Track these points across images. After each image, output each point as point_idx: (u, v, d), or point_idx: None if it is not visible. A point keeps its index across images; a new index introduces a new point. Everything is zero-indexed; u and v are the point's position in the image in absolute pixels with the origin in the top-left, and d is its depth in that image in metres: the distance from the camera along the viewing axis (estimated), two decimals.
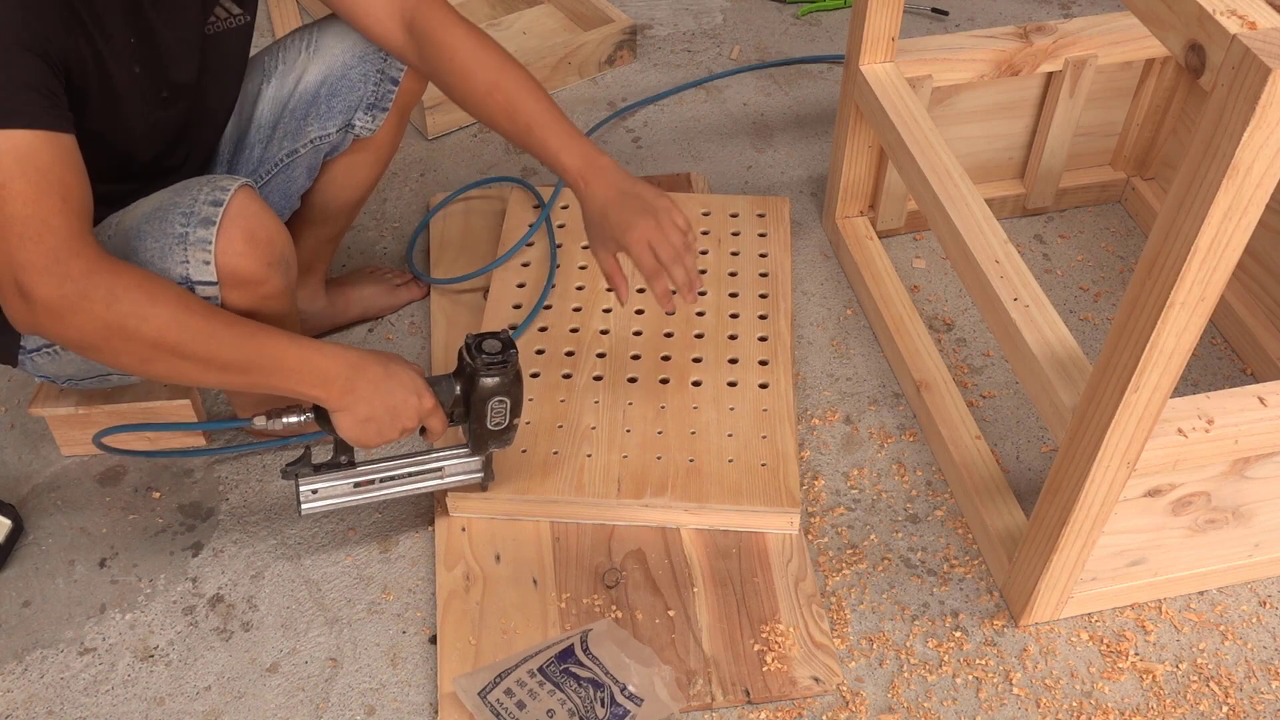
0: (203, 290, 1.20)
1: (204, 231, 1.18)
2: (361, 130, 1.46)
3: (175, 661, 1.33)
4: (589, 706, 1.22)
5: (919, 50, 1.66)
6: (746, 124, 2.12)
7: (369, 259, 1.83)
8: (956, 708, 1.29)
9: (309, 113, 1.44)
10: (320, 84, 1.43)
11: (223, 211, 1.19)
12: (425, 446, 1.39)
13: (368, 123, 1.45)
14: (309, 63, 1.43)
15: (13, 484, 1.51)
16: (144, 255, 1.19)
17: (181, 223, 1.18)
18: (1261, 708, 1.29)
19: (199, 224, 1.18)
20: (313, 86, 1.43)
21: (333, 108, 1.43)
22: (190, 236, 1.18)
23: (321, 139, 1.45)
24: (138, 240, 1.19)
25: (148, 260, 1.19)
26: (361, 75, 1.42)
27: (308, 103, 1.43)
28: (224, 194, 1.19)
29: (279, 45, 1.46)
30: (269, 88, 1.44)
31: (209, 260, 1.18)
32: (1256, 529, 1.32)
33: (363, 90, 1.43)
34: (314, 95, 1.43)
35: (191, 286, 1.19)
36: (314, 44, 1.43)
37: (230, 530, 1.46)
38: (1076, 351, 1.25)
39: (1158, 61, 1.76)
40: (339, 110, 1.44)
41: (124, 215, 1.24)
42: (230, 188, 1.20)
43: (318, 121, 1.44)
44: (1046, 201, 1.89)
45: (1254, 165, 0.86)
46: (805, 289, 1.78)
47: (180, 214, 1.19)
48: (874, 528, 1.46)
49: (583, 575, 1.38)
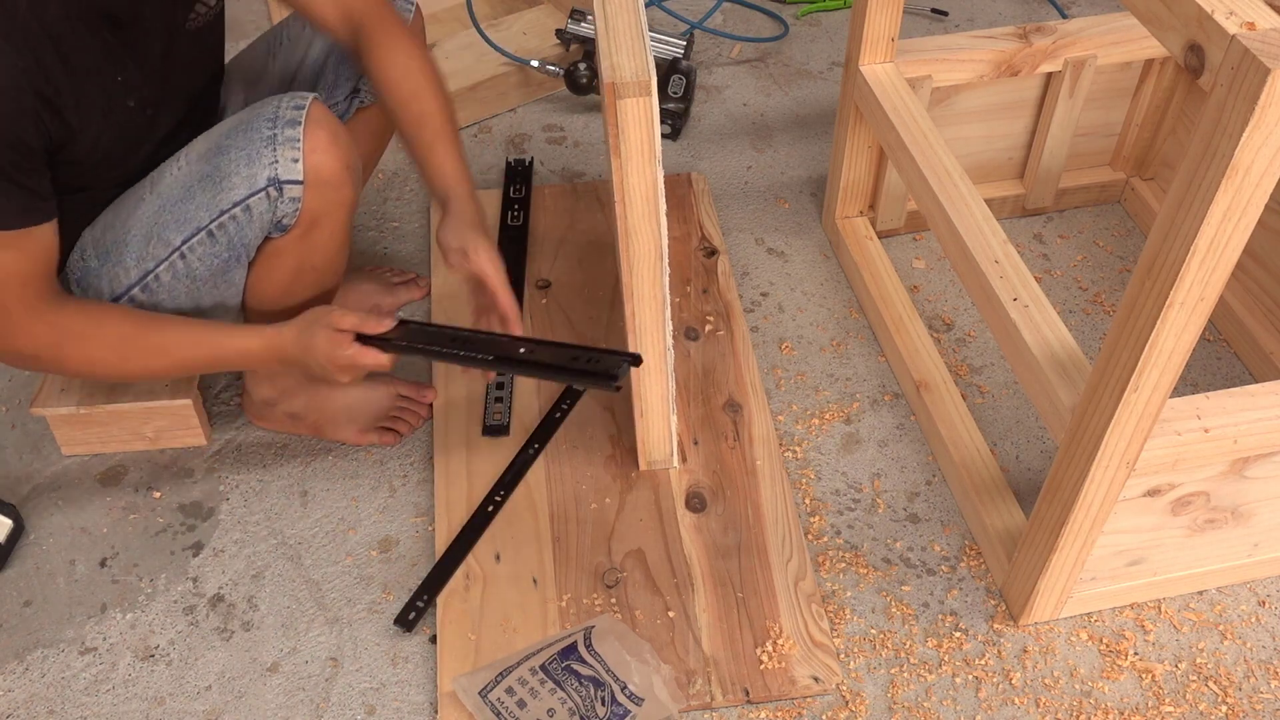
0: (289, 190, 1.24)
1: (292, 131, 1.24)
2: (366, 96, 1.50)
3: (176, 661, 1.33)
4: (589, 706, 1.22)
5: (919, 50, 1.66)
6: (746, 124, 2.12)
7: (369, 259, 1.83)
8: (956, 707, 1.29)
9: (317, 83, 1.49)
10: (326, 55, 1.48)
11: (305, 113, 1.24)
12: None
13: (370, 93, 1.49)
14: (314, 36, 1.48)
15: (13, 484, 1.51)
16: (228, 167, 1.24)
17: (269, 127, 1.24)
18: (1260, 707, 1.29)
19: (286, 125, 1.24)
20: (319, 58, 1.48)
21: (340, 75, 1.48)
22: (279, 137, 1.23)
23: (331, 107, 1.48)
24: (221, 155, 1.25)
25: (232, 170, 1.24)
26: None
27: (315, 73, 1.49)
28: (304, 100, 1.26)
29: (283, 24, 1.51)
30: (275, 63, 1.50)
31: (297, 158, 1.24)
32: (1256, 529, 1.32)
33: None
34: (320, 66, 1.48)
35: (279, 187, 1.24)
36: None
37: (231, 530, 1.46)
38: (1076, 351, 1.25)
39: (1157, 62, 1.76)
40: (345, 77, 1.48)
41: (196, 143, 1.29)
42: (308, 97, 1.27)
43: (325, 90, 1.49)
44: (1046, 202, 1.89)
45: (1253, 165, 0.86)
46: (805, 289, 1.78)
47: (265, 120, 1.24)
48: (874, 528, 1.46)
49: (583, 575, 1.38)
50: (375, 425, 1.54)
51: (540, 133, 2.09)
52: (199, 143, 1.29)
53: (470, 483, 1.48)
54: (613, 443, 1.54)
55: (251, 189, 1.24)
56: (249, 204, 1.24)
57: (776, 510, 1.45)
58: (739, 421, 1.56)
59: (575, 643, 1.27)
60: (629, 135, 1.14)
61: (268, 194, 1.24)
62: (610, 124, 1.13)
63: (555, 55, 2.13)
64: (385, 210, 1.92)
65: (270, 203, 1.25)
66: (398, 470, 1.53)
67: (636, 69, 1.11)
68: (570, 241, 1.84)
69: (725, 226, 1.89)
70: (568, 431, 1.55)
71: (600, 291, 1.75)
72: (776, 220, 1.91)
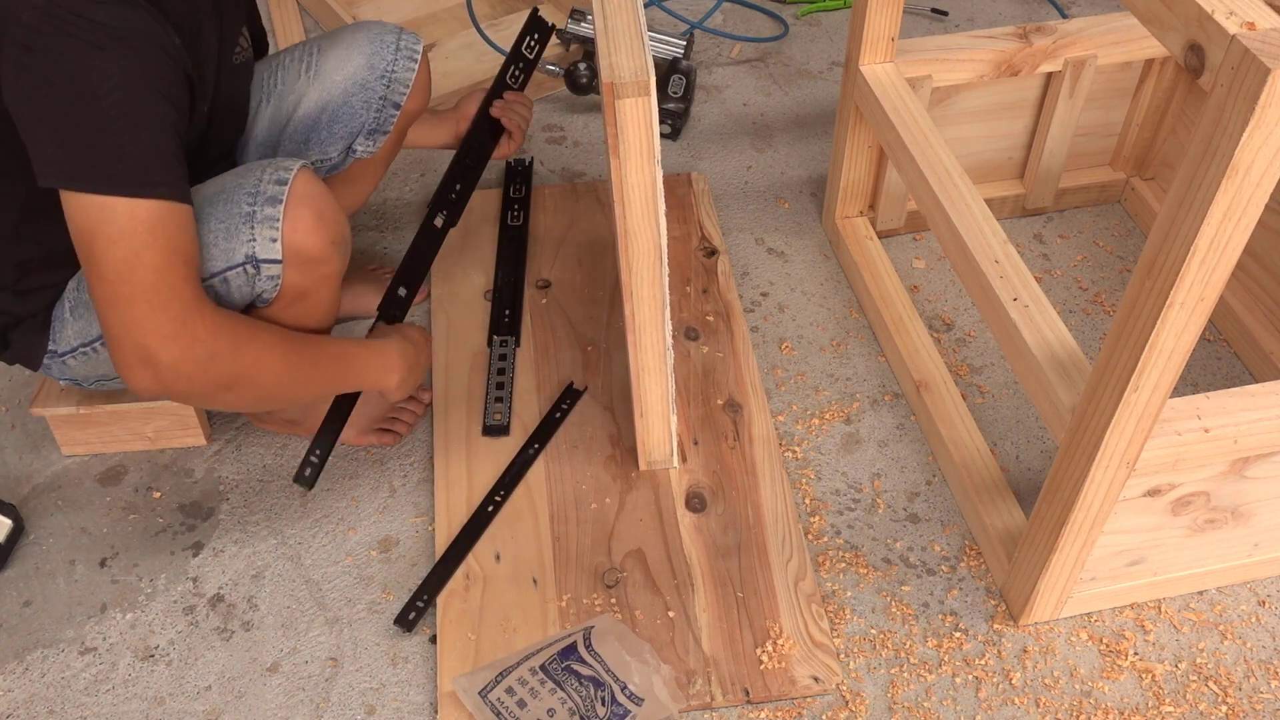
0: (267, 269, 1.21)
1: (271, 210, 1.19)
2: (363, 154, 1.47)
3: (176, 661, 1.33)
4: (590, 705, 1.22)
5: (919, 50, 1.66)
6: (746, 124, 2.12)
7: (369, 259, 1.83)
8: (956, 707, 1.29)
9: (309, 137, 1.44)
10: (320, 110, 1.43)
11: (288, 190, 1.20)
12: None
13: (369, 146, 1.46)
14: (308, 87, 1.43)
15: (13, 484, 1.51)
16: (206, 237, 1.19)
17: (248, 202, 1.19)
18: (1260, 707, 1.29)
19: (266, 202, 1.19)
20: (313, 112, 1.43)
21: (334, 133, 1.44)
22: (258, 215, 1.19)
23: (321, 162, 1.46)
24: (200, 224, 1.19)
25: (211, 242, 1.19)
26: (363, 103, 1.43)
27: (308, 128, 1.44)
28: (288, 173, 1.21)
29: (278, 64, 1.46)
30: (267, 107, 1.45)
31: (275, 238, 1.19)
32: (1256, 529, 1.32)
33: (364, 117, 1.44)
34: (314, 121, 1.44)
35: (256, 265, 1.20)
36: (314, 68, 1.44)
37: (230, 530, 1.46)
38: (1076, 351, 1.25)
39: (1157, 61, 1.76)
40: (340, 136, 1.44)
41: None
42: (293, 168, 1.22)
43: (318, 146, 1.45)
44: (1046, 201, 1.89)
45: (1253, 165, 0.86)
46: (805, 289, 1.78)
47: (246, 194, 1.20)
48: (874, 528, 1.46)
49: (582, 575, 1.38)
50: (374, 426, 1.54)
51: (540, 133, 2.09)
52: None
53: (470, 483, 1.48)
54: (613, 443, 1.54)
55: (229, 264, 1.20)
56: (227, 276, 1.21)
57: (776, 510, 1.45)
58: (739, 421, 1.56)
59: (575, 643, 1.27)
60: (628, 135, 1.14)
61: (245, 270, 1.20)
62: (610, 124, 1.13)
63: (555, 55, 2.13)
64: (385, 210, 1.92)
65: (248, 278, 1.21)
66: (398, 470, 1.53)
67: (636, 69, 1.11)
68: (570, 241, 1.84)
69: (725, 226, 1.89)
70: (568, 431, 1.55)
71: (600, 291, 1.75)
72: (776, 220, 1.91)
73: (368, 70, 1.42)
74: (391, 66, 1.44)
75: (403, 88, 1.44)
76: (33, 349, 1.32)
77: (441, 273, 1.77)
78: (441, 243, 1.51)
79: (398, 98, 1.44)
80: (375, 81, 1.42)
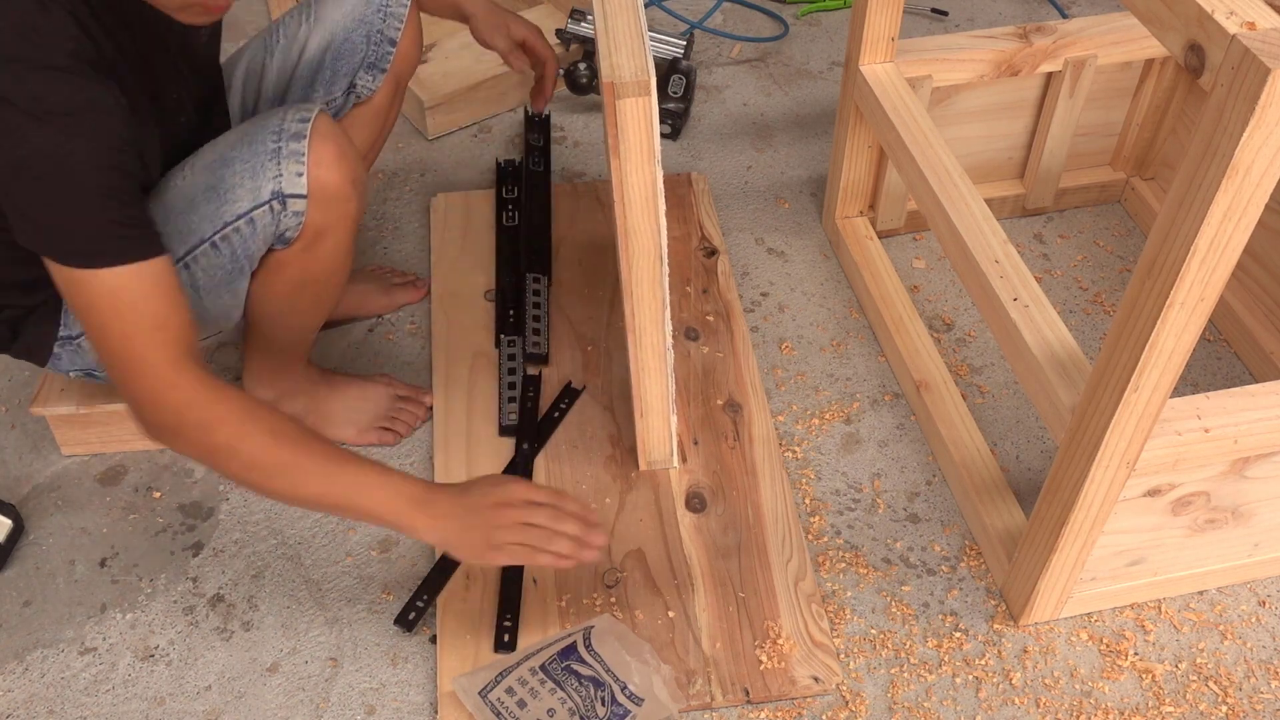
0: (293, 204, 1.24)
1: (296, 145, 1.23)
2: (363, 90, 1.50)
3: (176, 661, 1.33)
4: (590, 705, 1.22)
5: (919, 50, 1.66)
6: (746, 124, 2.12)
7: (369, 258, 1.83)
8: (956, 708, 1.29)
9: (315, 79, 1.49)
10: (323, 51, 1.48)
11: (310, 126, 1.24)
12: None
13: (368, 82, 1.50)
14: (310, 33, 1.48)
15: (13, 484, 1.51)
16: (232, 179, 1.23)
17: (273, 140, 1.23)
18: (1260, 707, 1.29)
19: (291, 138, 1.23)
20: (316, 54, 1.48)
21: (337, 70, 1.48)
22: (284, 150, 1.22)
23: (328, 103, 1.49)
24: (225, 167, 1.24)
25: (236, 182, 1.22)
26: (363, 37, 1.47)
27: (313, 70, 1.48)
28: (309, 113, 1.25)
29: (279, 22, 1.51)
30: (273, 61, 1.49)
31: (301, 172, 1.23)
32: (1256, 529, 1.32)
33: (363, 51, 1.48)
34: (318, 62, 1.48)
35: (283, 201, 1.23)
36: (313, 15, 1.48)
37: (230, 530, 1.46)
38: (1076, 351, 1.25)
39: (1157, 61, 1.76)
40: (343, 73, 1.48)
41: (202, 153, 1.28)
42: (314, 108, 1.26)
43: (324, 86, 1.49)
44: (1046, 201, 1.89)
45: (1253, 165, 0.86)
46: (805, 289, 1.78)
47: (270, 133, 1.23)
48: (873, 528, 1.46)
49: (582, 575, 1.38)
50: (374, 425, 1.54)
51: None
52: (203, 153, 1.28)
53: None
54: (613, 443, 1.54)
55: (255, 202, 1.23)
56: (253, 216, 1.24)
57: (776, 510, 1.45)
58: (739, 421, 1.56)
59: (575, 643, 1.27)
60: (628, 135, 1.14)
61: (271, 207, 1.23)
62: (610, 124, 1.13)
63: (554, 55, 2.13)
64: (385, 210, 1.92)
65: (274, 216, 1.24)
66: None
67: (636, 69, 1.11)
68: (570, 241, 1.84)
69: (725, 226, 1.89)
70: (568, 431, 1.55)
71: (600, 291, 1.75)
72: (776, 220, 1.91)
73: (362, 6, 1.47)
74: (386, 1, 1.49)
75: (397, 22, 1.48)
76: (42, 339, 1.33)
77: (442, 273, 1.77)
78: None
79: (393, 33, 1.48)
80: (371, 16, 1.47)
